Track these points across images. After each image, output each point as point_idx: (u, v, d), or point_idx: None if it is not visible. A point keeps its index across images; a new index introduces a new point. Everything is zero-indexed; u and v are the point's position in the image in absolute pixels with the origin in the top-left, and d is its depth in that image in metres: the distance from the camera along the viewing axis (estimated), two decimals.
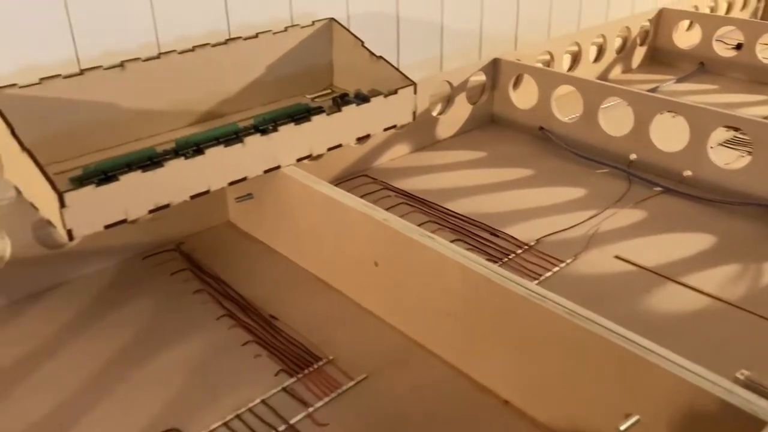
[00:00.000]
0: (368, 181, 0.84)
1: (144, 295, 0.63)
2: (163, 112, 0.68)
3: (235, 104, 0.74)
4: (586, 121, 0.88)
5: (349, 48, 0.79)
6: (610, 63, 1.16)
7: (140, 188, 0.55)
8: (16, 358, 0.56)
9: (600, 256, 0.67)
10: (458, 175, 0.85)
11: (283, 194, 0.66)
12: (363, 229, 0.57)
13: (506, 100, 0.97)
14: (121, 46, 0.66)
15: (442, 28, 0.97)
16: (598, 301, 0.61)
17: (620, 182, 0.82)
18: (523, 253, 0.68)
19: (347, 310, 0.61)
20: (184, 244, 0.71)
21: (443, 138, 0.95)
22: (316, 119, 0.66)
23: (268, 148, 0.63)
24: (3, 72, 0.59)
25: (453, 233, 0.72)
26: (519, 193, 0.81)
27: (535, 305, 0.45)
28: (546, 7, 1.12)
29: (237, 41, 0.72)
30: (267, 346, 0.56)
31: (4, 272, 0.61)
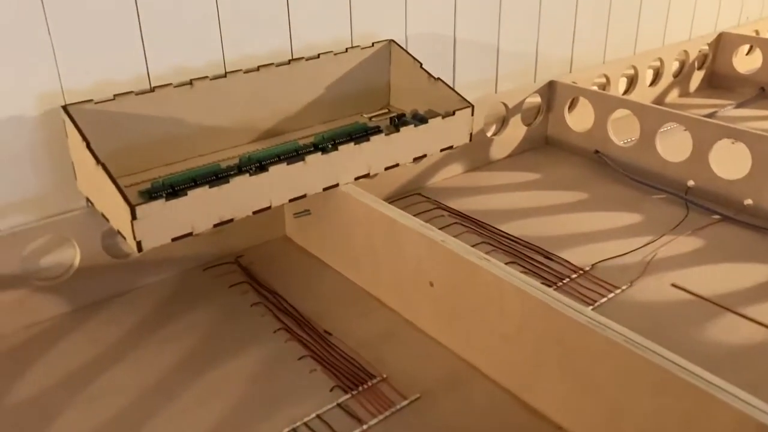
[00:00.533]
0: (422, 199, 0.85)
1: (204, 305, 0.65)
2: (227, 129, 0.70)
3: (296, 122, 0.76)
4: (643, 145, 0.87)
5: (407, 69, 0.80)
6: (666, 87, 1.15)
7: (206, 203, 0.57)
8: (81, 364, 0.58)
9: (656, 284, 0.67)
10: (512, 196, 0.86)
11: (340, 211, 0.67)
12: (420, 249, 0.58)
13: (561, 123, 0.96)
14: (190, 63, 0.68)
15: (498, 50, 0.98)
16: (653, 329, 0.60)
17: (677, 209, 0.81)
18: (578, 278, 0.68)
19: (401, 329, 0.61)
20: (242, 256, 0.73)
21: (497, 159, 0.95)
22: (375, 139, 0.67)
23: (327, 166, 0.64)
24: (81, 88, 0.61)
25: (507, 255, 0.72)
26: (574, 216, 0.80)
27: (594, 333, 0.45)
28: (602, 30, 1.11)
29: (300, 61, 0.74)
30: (322, 362, 0.57)
31: (72, 280, 0.64)
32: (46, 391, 0.55)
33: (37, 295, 0.63)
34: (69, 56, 0.60)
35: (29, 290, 0.62)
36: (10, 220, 0.61)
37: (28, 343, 0.60)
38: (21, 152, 0.60)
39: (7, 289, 0.61)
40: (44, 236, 0.62)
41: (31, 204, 0.62)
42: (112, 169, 0.55)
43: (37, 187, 0.62)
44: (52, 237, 0.63)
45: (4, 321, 0.62)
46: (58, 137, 0.61)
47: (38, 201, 0.62)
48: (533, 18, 1.00)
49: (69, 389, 0.55)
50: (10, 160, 0.60)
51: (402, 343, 0.60)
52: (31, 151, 0.61)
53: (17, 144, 0.60)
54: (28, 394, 0.54)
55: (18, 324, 0.62)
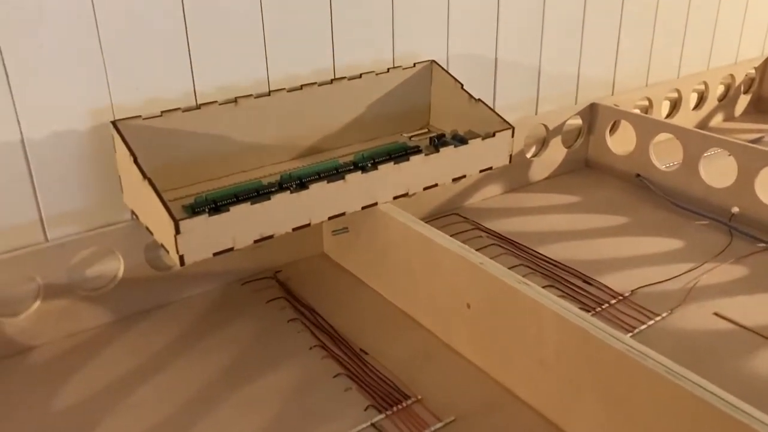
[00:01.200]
0: (459, 220, 0.85)
1: (242, 319, 0.66)
2: (269, 146, 0.72)
3: (337, 140, 0.77)
4: (686, 170, 0.86)
5: (448, 89, 0.80)
6: (711, 111, 1.14)
7: (248, 219, 0.58)
8: (122, 373, 0.59)
9: (698, 312, 0.65)
10: (551, 218, 0.85)
11: (378, 230, 0.67)
12: (457, 270, 0.58)
13: (602, 145, 0.96)
14: (235, 82, 0.70)
15: (539, 72, 0.98)
16: (693, 359, 0.59)
17: (721, 236, 0.79)
18: (617, 304, 0.67)
19: (437, 350, 0.61)
20: (280, 272, 0.74)
21: (536, 180, 0.95)
22: (415, 159, 0.67)
23: (366, 185, 0.65)
24: (130, 104, 0.63)
25: (545, 279, 0.71)
26: (613, 240, 0.79)
27: (632, 360, 0.44)
28: (646, 53, 1.10)
29: (342, 81, 0.75)
30: (357, 380, 0.57)
31: (116, 290, 0.66)
32: (88, 398, 0.56)
33: (81, 305, 0.64)
34: (120, 73, 0.62)
35: (74, 299, 0.64)
36: (60, 230, 0.63)
37: (72, 351, 0.62)
38: (71, 165, 0.62)
39: (53, 297, 0.63)
40: (90, 247, 0.64)
41: (79, 216, 0.64)
42: (158, 183, 0.57)
43: (85, 199, 0.64)
44: (97, 248, 0.64)
45: (50, 329, 0.63)
46: (107, 152, 0.63)
47: (86, 213, 0.64)
48: (576, 40, 1.00)
49: (110, 398, 0.56)
50: (61, 173, 0.62)
51: (438, 364, 0.60)
52: (81, 165, 0.63)
53: (68, 157, 0.62)
54: (71, 402, 0.56)
55: (63, 332, 0.64)
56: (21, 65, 0.57)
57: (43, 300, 0.62)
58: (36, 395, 0.56)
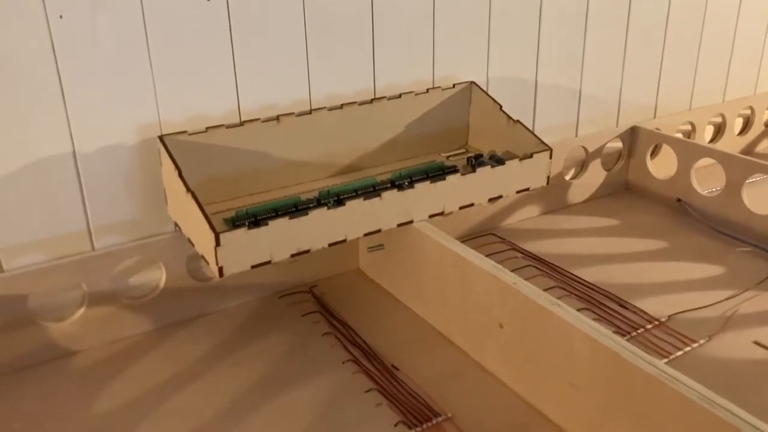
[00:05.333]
0: (495, 240, 0.85)
1: (278, 332, 0.67)
2: (309, 163, 0.73)
3: (375, 159, 0.78)
4: (728, 196, 0.84)
5: (486, 110, 0.81)
6: (757, 136, 1.12)
7: (285, 233, 0.59)
8: (160, 381, 0.61)
9: (737, 340, 0.64)
10: (588, 241, 0.85)
11: (413, 248, 0.68)
12: (490, 290, 0.58)
13: (642, 169, 0.95)
14: (278, 101, 0.72)
15: (580, 94, 0.98)
16: (731, 387, 0.58)
17: (763, 263, 0.77)
18: (653, 329, 0.66)
19: (468, 369, 0.61)
20: (316, 287, 0.75)
21: (575, 203, 0.94)
22: (451, 178, 0.68)
23: (403, 203, 0.66)
24: (177, 120, 0.66)
25: (580, 301, 0.71)
26: (652, 265, 0.79)
27: (666, 387, 0.44)
28: (689, 76, 1.09)
29: (381, 101, 0.76)
30: (388, 396, 0.57)
31: (157, 300, 0.68)
32: (126, 403, 0.58)
33: (123, 312, 0.67)
34: (168, 91, 0.65)
35: (117, 307, 0.66)
36: (106, 240, 0.65)
37: (113, 358, 0.64)
38: (119, 178, 0.65)
39: (98, 304, 0.65)
40: (134, 257, 0.66)
41: (125, 226, 0.66)
42: (201, 197, 0.59)
43: (131, 211, 0.66)
44: (141, 258, 0.67)
45: (93, 334, 0.66)
46: (153, 165, 0.65)
47: (131, 224, 0.66)
48: (617, 63, 1.00)
49: (147, 404, 0.58)
50: (109, 185, 0.64)
51: (469, 383, 0.60)
52: (128, 178, 0.65)
53: (116, 170, 0.64)
54: (111, 406, 0.58)
55: (105, 338, 0.66)
56: (75, 82, 0.60)
57: (87, 307, 0.64)
58: (77, 398, 0.58)
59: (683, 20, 1.04)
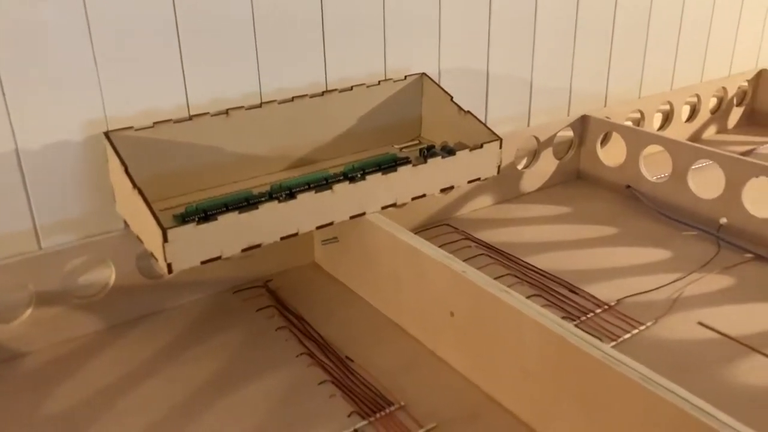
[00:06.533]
0: (450, 230, 0.85)
1: (232, 327, 0.67)
2: (261, 157, 0.73)
3: (328, 152, 0.78)
4: (675, 181, 0.86)
5: (438, 102, 0.82)
6: (704, 123, 1.15)
7: (235, 228, 0.59)
8: (111, 381, 0.60)
9: (682, 322, 0.66)
10: (540, 229, 0.86)
11: (366, 240, 0.68)
12: (441, 279, 0.59)
13: (593, 157, 0.97)
14: (228, 94, 0.71)
15: (531, 85, 0.99)
16: (677, 368, 0.60)
17: (708, 246, 0.80)
18: (602, 313, 0.67)
19: (422, 358, 0.62)
20: (271, 281, 0.75)
21: (527, 191, 0.95)
22: (402, 170, 0.69)
23: (355, 195, 0.66)
24: (123, 115, 0.65)
25: (531, 288, 0.72)
26: (602, 251, 0.80)
27: (610, 369, 0.45)
28: (638, 66, 1.11)
29: (333, 93, 0.76)
30: (342, 387, 0.58)
31: (108, 298, 0.67)
32: (77, 405, 0.57)
33: (73, 312, 0.65)
34: (113, 85, 0.63)
35: (67, 307, 0.65)
36: (53, 239, 0.64)
37: (63, 359, 0.63)
38: (65, 175, 0.63)
39: (46, 305, 0.64)
40: (83, 256, 0.65)
41: (73, 224, 0.65)
42: (150, 193, 0.58)
43: (78, 208, 0.65)
44: (90, 256, 0.65)
45: (42, 336, 0.64)
46: (100, 162, 0.64)
47: (79, 222, 0.65)
48: (567, 53, 1.01)
49: (99, 405, 0.57)
50: (55, 183, 0.63)
51: (422, 371, 0.60)
52: (75, 175, 0.64)
53: (62, 167, 0.63)
54: (61, 408, 0.57)
55: (55, 339, 0.65)
56: (16, 77, 0.59)
57: (35, 307, 0.63)
58: (26, 401, 0.57)
59: (631, 10, 1.06)
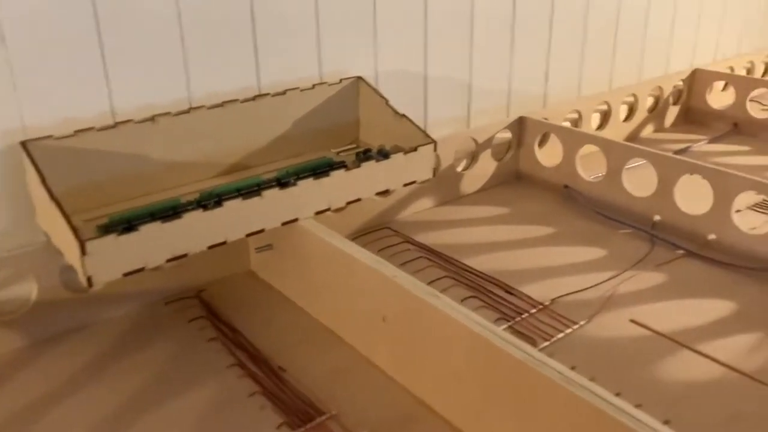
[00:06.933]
0: (390, 234, 0.85)
1: (161, 340, 0.65)
2: (191, 164, 0.71)
3: (263, 157, 0.77)
4: (610, 180, 0.88)
5: (374, 105, 0.81)
6: (641, 122, 1.17)
7: (159, 238, 0.57)
8: (36, 398, 0.58)
9: (615, 319, 0.67)
10: (480, 230, 0.86)
11: (300, 247, 0.67)
12: (372, 284, 0.58)
13: (532, 158, 0.97)
14: (155, 100, 0.69)
15: (470, 87, 0.99)
16: (608, 365, 0.60)
17: (643, 243, 0.81)
18: (537, 313, 0.68)
19: (356, 365, 0.61)
20: (205, 291, 0.73)
21: (468, 193, 0.96)
22: (335, 174, 0.68)
23: (286, 201, 0.65)
24: (42, 124, 0.62)
25: (468, 290, 0.72)
26: (539, 251, 0.81)
27: (533, 370, 0.45)
28: (576, 66, 1.13)
29: (265, 97, 0.75)
30: (272, 398, 0.56)
31: (30, 314, 0.64)
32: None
33: None
34: (32, 93, 0.61)
35: None
36: None
37: None
38: None
39: None
40: (3, 270, 0.62)
41: None
42: (73, 204, 0.56)
43: None
44: (10, 271, 0.63)
45: None
46: (19, 173, 0.61)
47: None
48: (505, 54, 1.02)
49: (21, 423, 0.55)
50: None
51: (356, 379, 0.60)
52: None
53: None
54: None
55: None
56: None
57: None
58: None
59: (569, 12, 1.07)
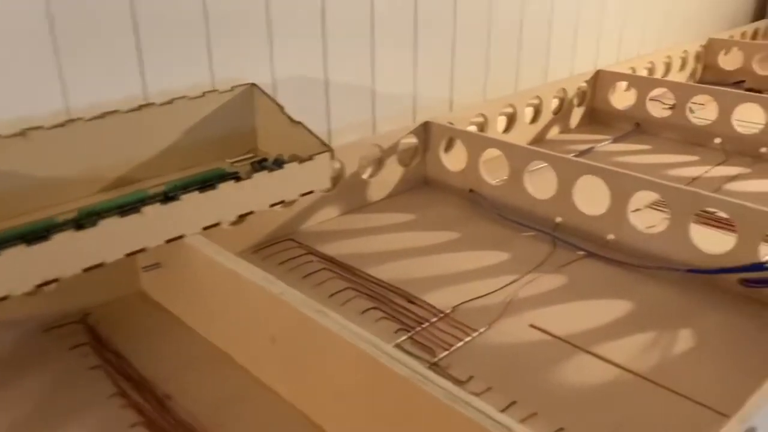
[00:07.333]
0: (293, 245, 0.82)
1: (38, 371, 0.60)
2: (71, 180, 0.67)
3: (151, 170, 0.73)
4: (513, 184, 0.88)
5: (270, 113, 0.78)
6: (547, 124, 1.18)
7: (26, 262, 0.53)
8: None
9: (515, 325, 0.66)
10: (385, 238, 0.84)
11: (188, 265, 0.64)
12: (260, 302, 0.56)
13: (438, 163, 0.97)
14: (27, 113, 0.65)
15: (374, 92, 0.98)
16: (507, 373, 0.59)
17: (545, 246, 0.81)
18: (438, 322, 0.66)
19: (248, 388, 0.58)
20: (90, 315, 0.68)
21: (374, 200, 0.94)
22: (223, 187, 0.65)
23: (170, 217, 0.61)
24: None
25: (370, 301, 0.70)
26: (444, 257, 0.80)
27: (417, 388, 0.43)
28: (482, 70, 1.13)
29: (151, 107, 0.71)
30: (155, 429, 0.53)
31: None
32: None
33: None
34: None
35: None
36: None
37: None
38: None
39: None
40: None
41: None
42: None
43: None
44: None
45: None
46: None
47: None
48: (408, 59, 1.01)
49: None
50: None
51: (247, 403, 0.57)
52: None
53: None
54: None
55: None
56: None
57: None
58: None
59: (472, 15, 1.08)
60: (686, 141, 1.15)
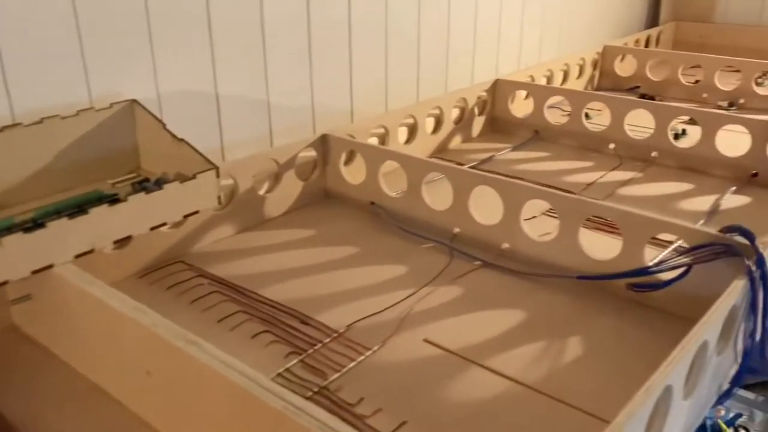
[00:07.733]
0: (183, 268, 0.78)
1: None
2: None
3: (21, 194, 0.68)
4: (412, 196, 0.87)
5: (152, 130, 0.75)
6: (449, 134, 1.18)
7: None
8: None
9: (409, 341, 0.65)
10: (281, 256, 0.82)
11: (59, 296, 0.59)
12: (133, 335, 0.52)
13: (338, 176, 0.95)
14: None
15: (269, 105, 0.95)
16: (399, 392, 0.58)
17: (443, 257, 0.80)
18: (331, 342, 0.64)
19: (123, 425, 0.55)
20: None
21: (273, 217, 0.91)
22: (96, 211, 0.61)
23: (34, 246, 0.57)
24: None
25: (262, 324, 0.67)
26: (341, 273, 0.78)
27: (291, 421, 0.41)
28: (382, 80, 1.13)
29: (16, 128, 0.67)
30: None
31: None
32: None
33: None
34: None
35: None
36: None
37: None
38: None
39: None
40: None
41: None
42: None
43: None
44: None
45: None
46: None
47: None
48: (305, 71, 0.99)
49: None
50: None
51: None
52: None
53: None
54: None
55: None
56: None
57: None
58: None
59: (369, 25, 1.07)
60: (583, 147, 1.18)
